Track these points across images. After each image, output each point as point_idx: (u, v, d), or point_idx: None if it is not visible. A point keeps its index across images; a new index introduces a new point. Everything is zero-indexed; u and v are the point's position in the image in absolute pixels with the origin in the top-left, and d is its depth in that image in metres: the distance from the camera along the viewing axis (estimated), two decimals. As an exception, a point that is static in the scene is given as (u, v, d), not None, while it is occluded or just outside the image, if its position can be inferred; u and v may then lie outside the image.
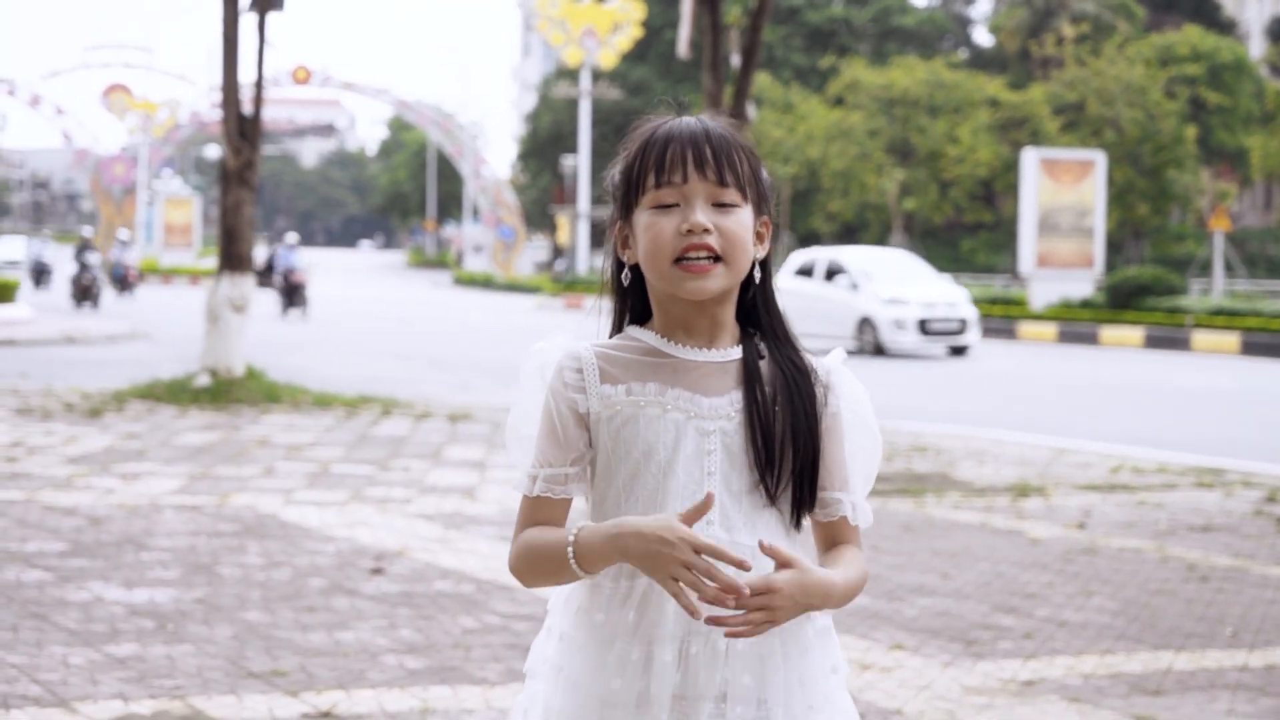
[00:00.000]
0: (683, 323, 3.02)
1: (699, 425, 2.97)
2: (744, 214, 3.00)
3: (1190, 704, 7.03)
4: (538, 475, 3.01)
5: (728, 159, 2.99)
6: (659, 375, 2.99)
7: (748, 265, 3.02)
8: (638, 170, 3.03)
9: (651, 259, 2.98)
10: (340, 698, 6.75)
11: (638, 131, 3.09)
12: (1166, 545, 11.18)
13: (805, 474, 3.01)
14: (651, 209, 2.99)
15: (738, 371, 3.02)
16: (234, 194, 20.61)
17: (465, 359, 29.83)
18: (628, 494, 2.97)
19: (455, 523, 11.45)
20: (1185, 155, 66.12)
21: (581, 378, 2.99)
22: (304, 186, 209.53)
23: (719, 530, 2.93)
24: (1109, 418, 20.86)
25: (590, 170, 79.71)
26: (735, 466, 2.97)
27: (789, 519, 3.02)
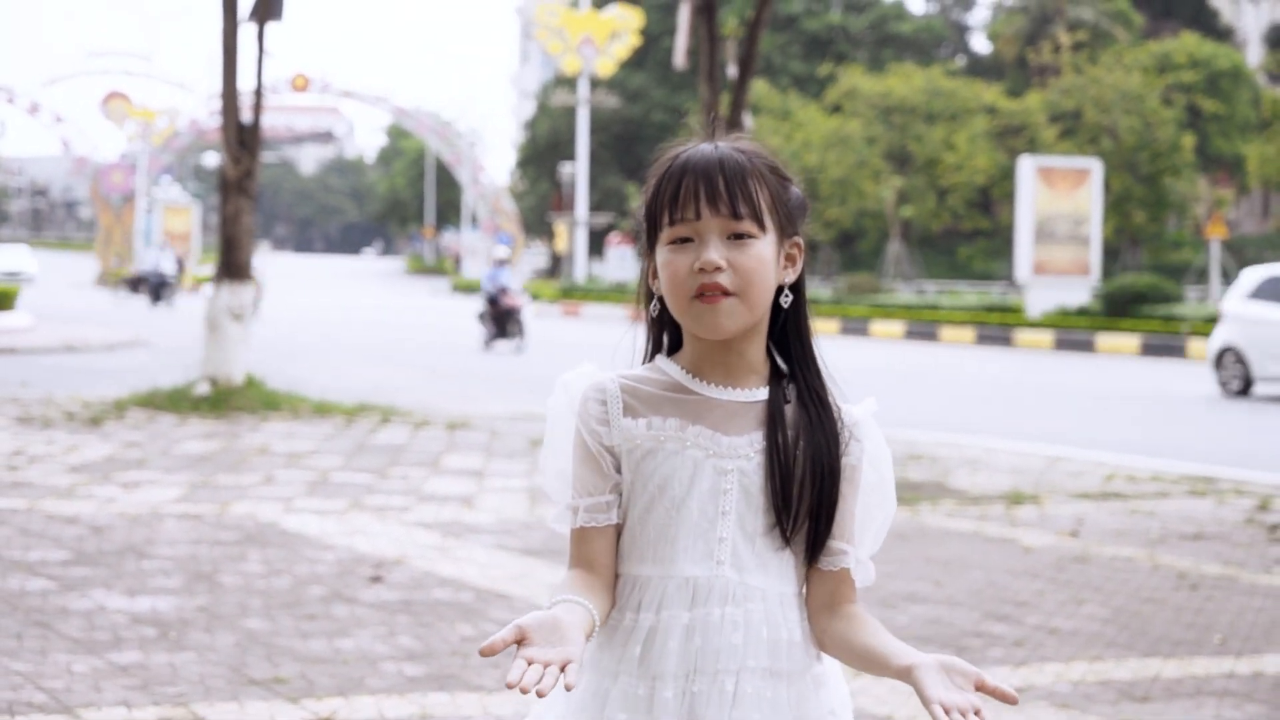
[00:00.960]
0: (709, 356, 2.98)
1: (717, 464, 2.93)
2: (761, 245, 2.92)
3: (1177, 710, 7.14)
4: (579, 507, 2.99)
5: (742, 190, 2.92)
6: (681, 411, 2.95)
7: (767, 297, 2.94)
8: (655, 206, 2.98)
9: (671, 298, 2.94)
10: (340, 704, 6.86)
11: (658, 162, 3.03)
12: (1158, 553, 11.29)
13: (823, 516, 2.96)
14: (669, 245, 2.94)
15: (761, 412, 2.96)
16: (233, 203, 20.71)
17: (463, 367, 29.94)
18: (641, 527, 2.95)
19: (454, 531, 11.56)
20: (1182, 163, 66.25)
21: (605, 410, 2.97)
22: (303, 194, 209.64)
23: (730, 570, 2.91)
24: (1104, 426, 20.97)
25: (588, 178, 79.83)
26: (751, 507, 2.94)
27: (802, 562, 2.99)
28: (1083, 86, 66.87)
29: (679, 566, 2.91)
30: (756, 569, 2.93)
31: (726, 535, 2.92)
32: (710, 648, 2.87)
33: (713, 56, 19.24)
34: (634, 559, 2.95)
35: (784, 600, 2.94)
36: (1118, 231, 66.28)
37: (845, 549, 2.99)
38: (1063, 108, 68.11)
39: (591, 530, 2.97)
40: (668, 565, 2.92)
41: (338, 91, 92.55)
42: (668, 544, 2.92)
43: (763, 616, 2.90)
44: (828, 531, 2.97)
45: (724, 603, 2.89)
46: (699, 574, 2.90)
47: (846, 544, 3.00)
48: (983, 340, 42.66)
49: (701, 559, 2.91)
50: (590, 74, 77.53)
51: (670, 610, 2.89)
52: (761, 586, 2.92)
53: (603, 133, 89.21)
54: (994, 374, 30.83)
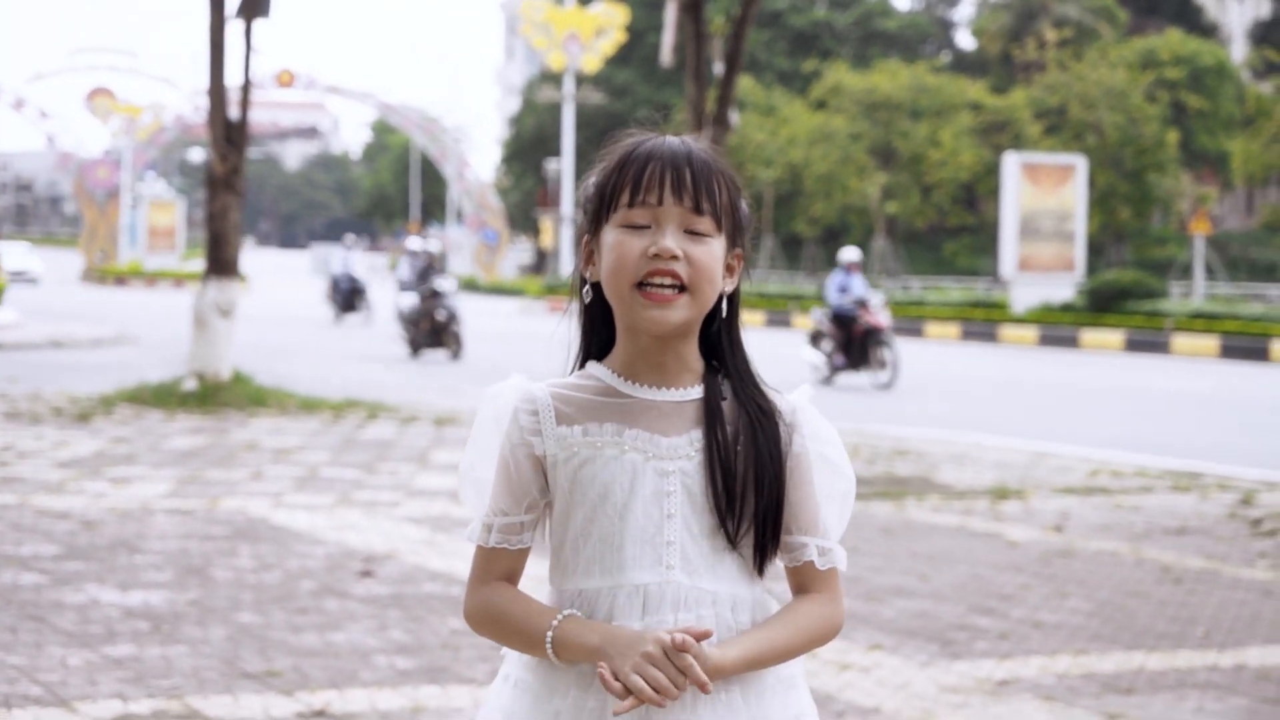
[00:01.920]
0: (644, 355, 2.91)
1: (658, 466, 2.86)
2: (715, 245, 2.89)
3: (1161, 703, 7.22)
4: (492, 525, 2.95)
5: (706, 186, 2.88)
6: (617, 415, 2.89)
7: (714, 298, 2.90)
8: (613, 185, 2.91)
9: (613, 278, 2.87)
10: (333, 697, 6.93)
11: (619, 145, 2.96)
12: (1142, 548, 11.38)
13: (768, 518, 2.90)
14: (621, 227, 2.88)
15: (698, 411, 2.90)
16: (221, 199, 20.75)
17: (449, 363, 29.98)
18: (585, 538, 2.88)
19: (442, 526, 11.63)
20: (1166, 159, 66.39)
21: (537, 420, 2.90)
22: (287, 189, 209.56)
23: (680, 575, 2.85)
24: (1089, 421, 21.07)
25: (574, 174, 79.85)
26: (696, 509, 2.87)
27: (751, 564, 2.92)
28: (1067, 83, 67.01)
29: (628, 575, 2.85)
30: (707, 572, 2.87)
31: (674, 539, 2.86)
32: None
33: (699, 54, 19.32)
34: (579, 573, 2.89)
35: (736, 603, 2.88)
36: (1102, 228, 66.42)
37: (805, 541, 2.93)
38: (1047, 104, 68.26)
39: (504, 551, 2.95)
40: (616, 575, 2.85)
41: (323, 87, 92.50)
42: (614, 553, 2.86)
43: (714, 621, 2.84)
44: (775, 531, 2.91)
45: (676, 609, 2.83)
46: (649, 581, 2.84)
47: (806, 535, 2.93)
48: (968, 336, 42.75)
49: (650, 565, 2.85)
50: (576, 70, 77.57)
51: (621, 620, 2.83)
52: (712, 590, 2.86)
53: (588, 129, 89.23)
54: (979, 370, 30.92)
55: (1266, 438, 19.42)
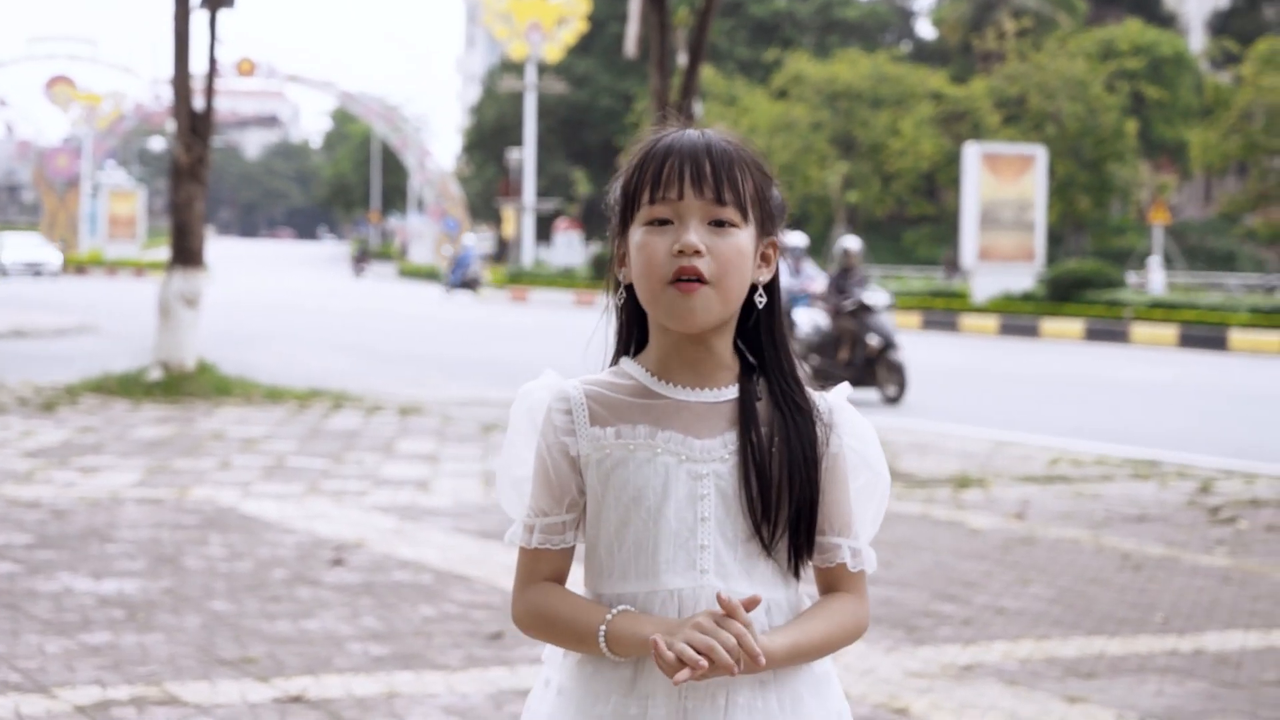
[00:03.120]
0: (678, 354, 2.86)
1: (691, 469, 2.82)
2: (741, 235, 2.83)
3: (1121, 686, 7.36)
4: (534, 526, 2.90)
5: (728, 176, 2.84)
6: (650, 416, 2.84)
7: (742, 291, 2.84)
8: (635, 184, 2.86)
9: (643, 279, 2.82)
10: (309, 683, 7.03)
11: (639, 144, 2.91)
12: (1102, 535, 11.52)
13: (802, 520, 2.86)
14: (645, 225, 2.83)
15: (733, 412, 2.85)
16: (185, 189, 20.79)
17: (413, 352, 30.04)
18: (619, 542, 2.84)
19: (411, 515, 11.72)
20: (1125, 149, 66.76)
21: (571, 420, 2.86)
22: (247, 178, 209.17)
23: (714, 579, 2.80)
24: (1049, 410, 21.24)
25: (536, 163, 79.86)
26: (730, 512, 2.83)
27: (786, 567, 2.89)
28: (1027, 73, 67.32)
29: (662, 580, 2.81)
30: (741, 575, 2.83)
31: (708, 542, 2.82)
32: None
33: (663, 45, 19.41)
34: (614, 577, 2.86)
35: (770, 607, 2.84)
36: (1062, 217, 66.72)
37: (838, 542, 2.91)
38: (1007, 94, 68.55)
39: (547, 552, 2.90)
40: (651, 580, 2.82)
41: (283, 76, 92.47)
42: (648, 557, 2.82)
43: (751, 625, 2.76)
44: (810, 534, 2.87)
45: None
46: (683, 585, 2.81)
47: (839, 537, 2.91)
48: (929, 325, 42.94)
49: (684, 570, 2.81)
50: (538, 60, 77.61)
51: None
52: (748, 592, 2.80)
53: (549, 118, 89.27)
54: (940, 359, 31.07)
55: (1225, 426, 19.60)
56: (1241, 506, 12.94)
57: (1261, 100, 58.40)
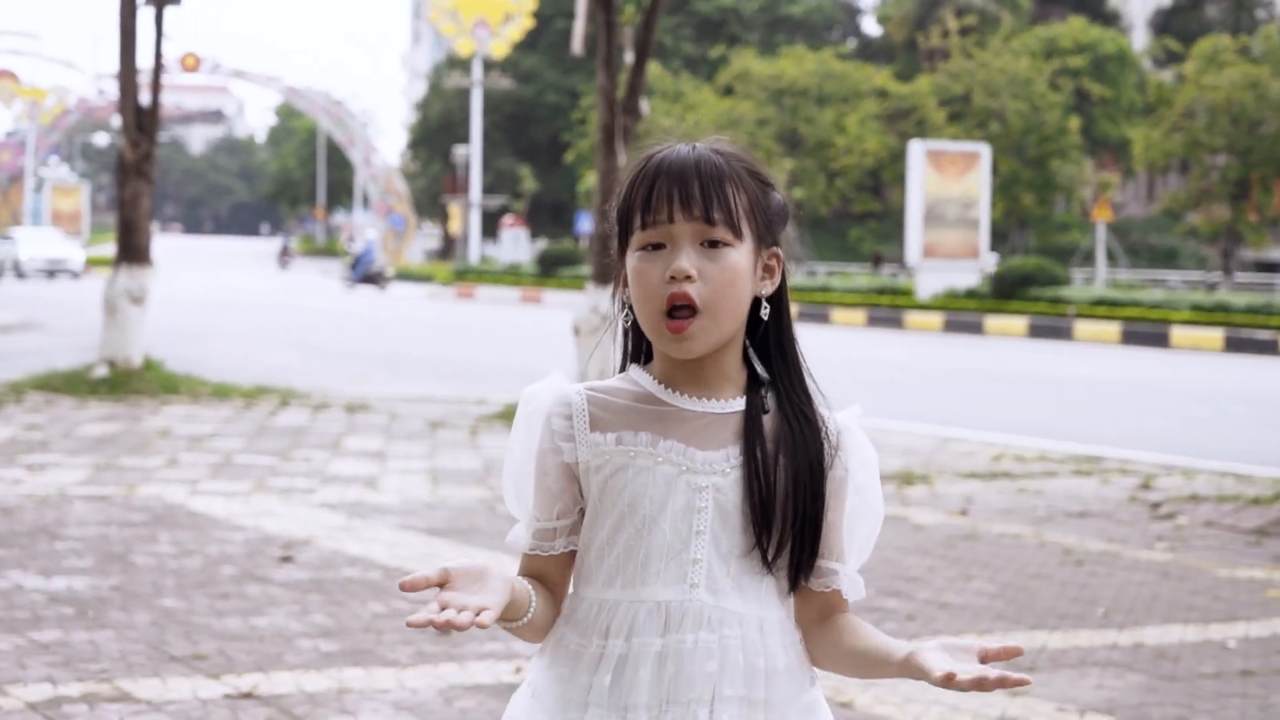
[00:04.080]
0: (682, 367, 2.81)
1: (691, 480, 2.76)
2: (736, 254, 2.76)
3: (1062, 680, 7.47)
4: (529, 529, 2.86)
5: (718, 194, 2.76)
6: (653, 424, 2.79)
7: (739, 310, 2.78)
8: (626, 208, 2.81)
9: (641, 309, 2.78)
10: (260, 679, 7.08)
11: (633, 163, 2.85)
12: (1044, 531, 11.65)
13: (806, 538, 2.80)
14: (639, 250, 2.78)
15: (738, 424, 2.80)
16: (132, 186, 20.75)
17: (360, 350, 30.04)
18: (610, 547, 2.79)
19: (359, 512, 11.77)
20: (1069, 146, 67.06)
21: (570, 425, 2.81)
22: (192, 173, 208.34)
23: (704, 594, 2.74)
24: (993, 407, 21.39)
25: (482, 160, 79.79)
26: (727, 526, 2.77)
27: (785, 585, 2.83)
28: (971, 70, 67.55)
29: (650, 590, 2.75)
30: (733, 592, 2.76)
31: (701, 556, 2.75)
32: (684, 676, 2.71)
33: (610, 43, 19.47)
34: (601, 581, 2.80)
35: (764, 625, 2.78)
36: (1006, 214, 67.01)
37: (835, 568, 2.84)
38: (952, 91, 68.76)
39: (537, 557, 2.86)
40: (638, 589, 2.76)
41: (228, 71, 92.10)
42: (638, 566, 2.76)
43: (739, 643, 2.74)
44: (813, 554, 2.82)
45: (698, 628, 2.73)
46: (671, 598, 2.74)
47: (836, 562, 2.84)
48: (874, 322, 43.12)
49: (674, 582, 2.74)
50: (484, 56, 77.56)
51: (642, 637, 2.74)
52: (739, 611, 2.76)
53: (495, 114, 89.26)
54: (885, 356, 31.22)
55: (1166, 423, 19.78)
56: (1181, 502, 13.08)
57: (1203, 99, 58.75)
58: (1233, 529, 11.97)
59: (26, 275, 67.73)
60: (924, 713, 6.85)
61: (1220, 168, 60.63)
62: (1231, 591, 9.64)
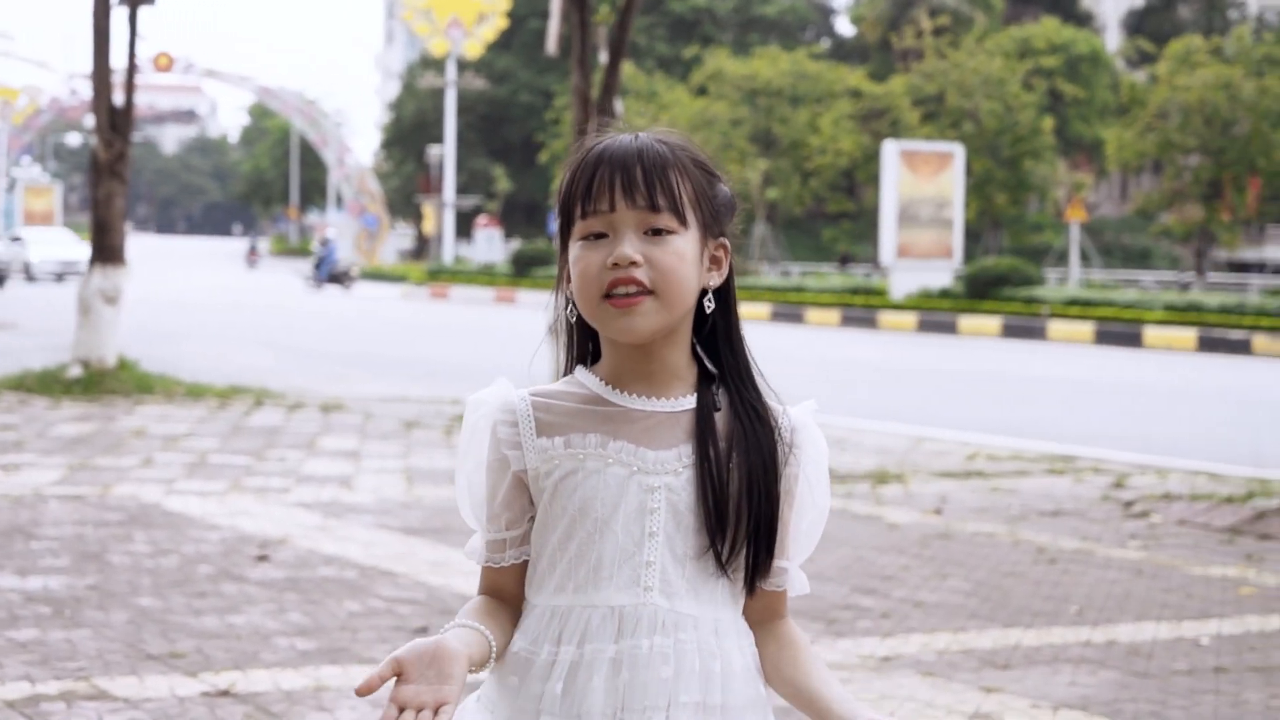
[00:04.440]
0: (629, 364, 2.74)
1: (642, 481, 2.69)
2: (681, 241, 2.69)
3: (1036, 676, 7.51)
4: (481, 541, 2.80)
5: (661, 181, 2.69)
6: (602, 426, 2.72)
7: (687, 298, 2.71)
8: (568, 198, 2.74)
9: (580, 295, 2.71)
10: (237, 677, 7.10)
11: (574, 154, 2.78)
12: (1018, 529, 11.70)
13: (762, 537, 2.74)
14: (581, 240, 2.71)
15: (690, 423, 2.73)
16: (105, 186, 20.73)
17: (334, 349, 30.03)
18: (561, 553, 2.71)
19: (334, 511, 11.78)
20: (1042, 146, 67.13)
21: (516, 431, 2.74)
22: (164, 173, 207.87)
23: (658, 597, 2.68)
24: (966, 406, 21.46)
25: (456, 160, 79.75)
26: (681, 528, 2.70)
27: (741, 588, 2.76)
28: (945, 71, 67.61)
29: (603, 595, 2.68)
30: (688, 595, 2.70)
31: (654, 559, 2.69)
32: (638, 682, 2.64)
33: (585, 43, 19.50)
34: (552, 588, 2.72)
35: (719, 628, 2.72)
36: (980, 214, 67.13)
37: (785, 566, 2.79)
38: (925, 92, 68.83)
39: (490, 569, 2.79)
40: (590, 594, 2.68)
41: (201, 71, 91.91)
42: (590, 570, 2.69)
43: (695, 647, 2.67)
44: (769, 556, 2.76)
45: (652, 633, 2.66)
46: (625, 602, 2.67)
47: (786, 560, 2.79)
48: (848, 322, 43.18)
49: (627, 585, 2.67)
50: (458, 56, 77.53)
51: (595, 643, 2.66)
52: (694, 614, 2.69)
53: (469, 114, 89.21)
54: (859, 355, 31.29)
55: (1139, 422, 19.85)
56: (1154, 501, 13.14)
57: (1176, 99, 58.88)
58: (1205, 527, 12.04)
59: (36, 278, 64.92)
60: (898, 709, 6.89)
61: (1193, 168, 60.77)
62: (1204, 589, 9.70)
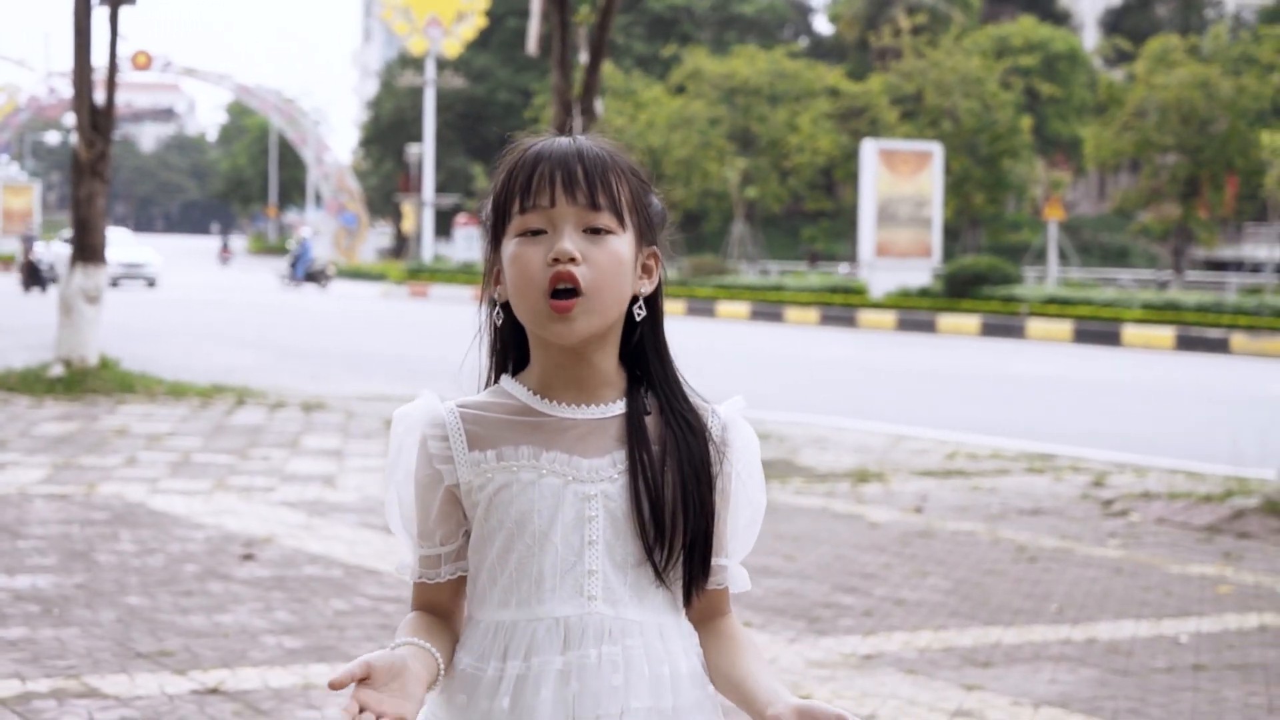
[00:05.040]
0: (560, 371, 2.72)
1: (578, 489, 2.67)
2: (618, 242, 2.67)
3: (1016, 674, 7.59)
4: (414, 558, 2.75)
5: (602, 180, 2.67)
6: (533, 437, 2.69)
7: (622, 300, 2.70)
8: (504, 195, 2.71)
9: (520, 293, 2.68)
10: (226, 675, 7.16)
11: (508, 153, 2.75)
12: (998, 528, 11.79)
13: (697, 547, 2.72)
14: (518, 236, 2.68)
15: (620, 428, 2.72)
16: (87, 186, 20.74)
17: (314, 348, 30.06)
18: (501, 567, 2.68)
19: (318, 510, 11.84)
20: (1020, 145, 67.33)
21: (447, 445, 2.70)
22: (142, 171, 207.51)
23: (603, 605, 2.66)
24: (946, 405, 21.54)
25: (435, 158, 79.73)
26: (620, 535, 2.68)
27: (680, 596, 2.74)
28: (923, 70, 67.75)
29: (547, 607, 2.65)
30: (632, 601, 2.68)
31: (596, 567, 2.67)
32: (589, 692, 2.62)
33: (565, 43, 19.57)
34: (494, 603, 2.69)
35: (663, 631, 2.70)
36: (958, 213, 67.28)
37: (724, 564, 2.77)
38: (904, 90, 68.98)
39: (425, 585, 2.75)
40: (534, 607, 2.66)
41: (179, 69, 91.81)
42: (532, 583, 2.66)
43: (643, 652, 2.66)
44: (705, 569, 2.74)
45: (600, 642, 2.64)
46: (570, 613, 2.65)
47: (725, 559, 2.77)
48: (827, 321, 43.26)
49: (571, 596, 2.65)
50: (437, 55, 77.52)
51: (541, 656, 2.64)
52: (639, 620, 2.68)
53: (447, 112, 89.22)
54: (839, 354, 31.37)
55: (1118, 421, 19.95)
56: (1133, 500, 13.23)
57: (1153, 98, 59.06)
58: (1184, 526, 12.13)
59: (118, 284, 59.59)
60: (880, 706, 6.96)
61: (1170, 167, 60.97)
62: (1183, 587, 9.79)
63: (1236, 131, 58.34)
